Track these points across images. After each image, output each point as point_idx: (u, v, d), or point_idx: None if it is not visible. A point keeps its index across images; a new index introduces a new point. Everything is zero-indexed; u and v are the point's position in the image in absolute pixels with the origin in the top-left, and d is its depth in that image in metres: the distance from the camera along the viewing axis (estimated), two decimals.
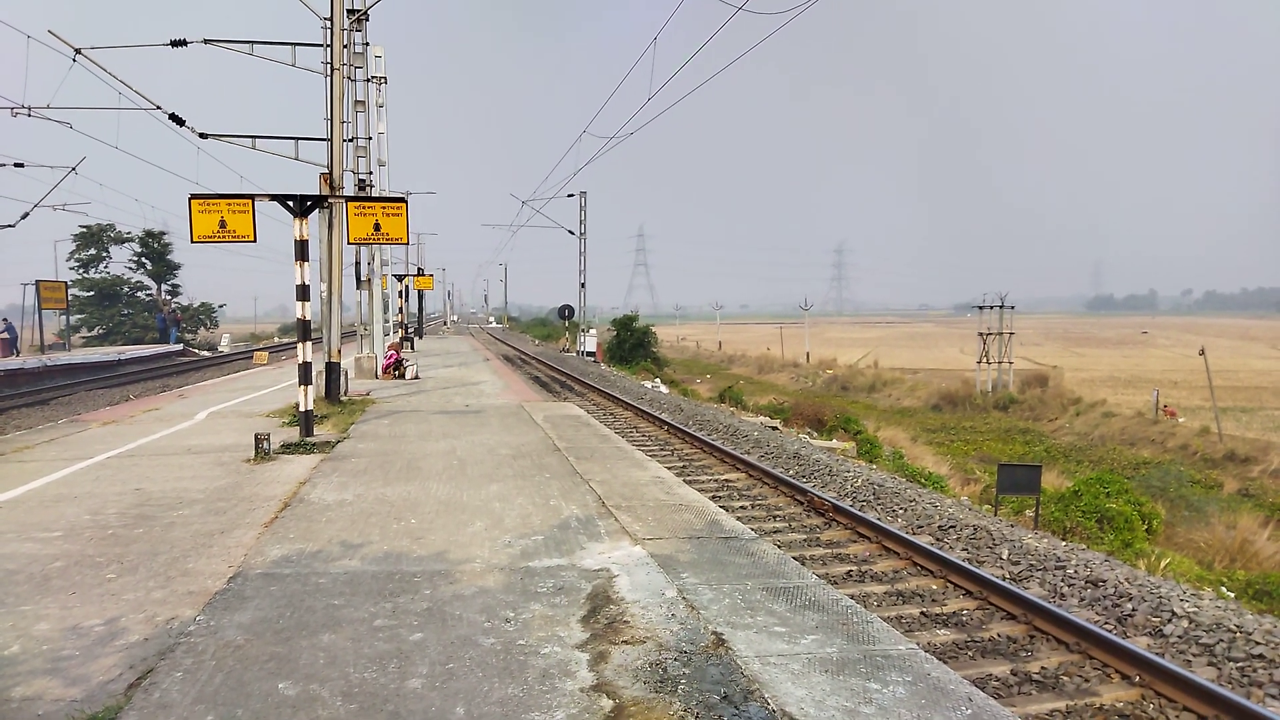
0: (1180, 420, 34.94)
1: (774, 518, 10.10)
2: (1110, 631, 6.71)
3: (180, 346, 44.14)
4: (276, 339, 67.13)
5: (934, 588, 7.75)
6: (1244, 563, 14.21)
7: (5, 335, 37.25)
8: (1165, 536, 15.69)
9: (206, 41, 14.71)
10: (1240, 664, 6.34)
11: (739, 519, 8.29)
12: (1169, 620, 7.10)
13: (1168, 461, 28.20)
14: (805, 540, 9.20)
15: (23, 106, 17.12)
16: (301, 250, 10.30)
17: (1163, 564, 10.94)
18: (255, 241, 10.03)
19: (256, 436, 9.36)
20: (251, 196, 9.93)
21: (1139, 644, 6.56)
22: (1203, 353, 38.53)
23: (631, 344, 47.11)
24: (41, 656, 4.00)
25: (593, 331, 47.40)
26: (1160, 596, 7.58)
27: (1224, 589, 10.42)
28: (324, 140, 14.35)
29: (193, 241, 9.82)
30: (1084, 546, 10.32)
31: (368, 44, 15.94)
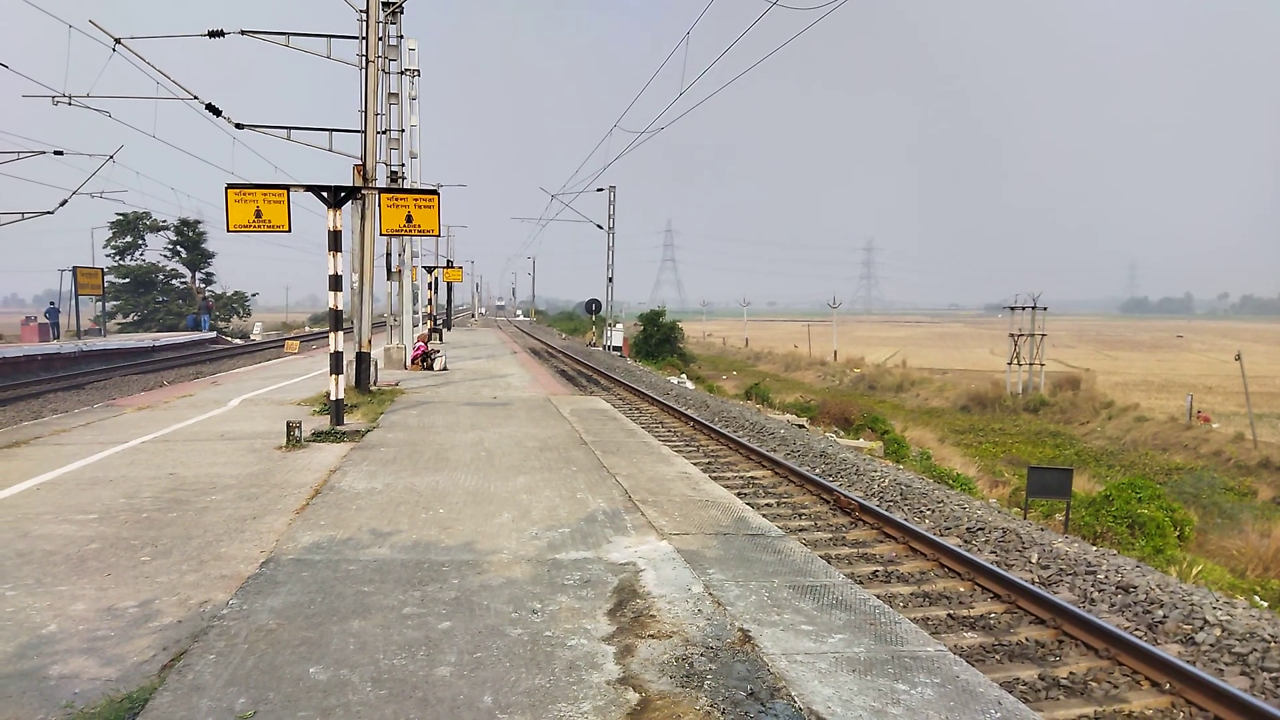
0: (1214, 426, 34.35)
1: (800, 516, 10.06)
2: (1141, 638, 6.63)
3: (213, 334, 44.79)
4: (307, 328, 67.91)
5: (961, 590, 7.69)
6: (1278, 572, 13.95)
7: (47, 320, 37.99)
8: (1197, 544, 15.44)
9: (244, 33, 14.84)
10: (1274, 674, 6.24)
11: (765, 516, 8.27)
12: (1201, 628, 7.00)
13: (1201, 468, 27.74)
14: (831, 539, 9.17)
15: (63, 95, 17.38)
16: (335, 241, 10.38)
17: (1194, 571, 10.77)
18: (290, 231, 10.12)
19: (288, 424, 9.47)
20: (287, 187, 10.02)
21: (1170, 651, 6.47)
22: (1239, 358, 37.82)
23: (658, 339, 47.10)
24: (78, 636, 4.07)
25: (619, 326, 47.36)
26: (1192, 604, 7.47)
27: (1258, 598, 10.24)
28: (358, 132, 14.46)
29: (229, 230, 9.92)
30: (1115, 552, 10.18)
31: (402, 36, 16.06)
